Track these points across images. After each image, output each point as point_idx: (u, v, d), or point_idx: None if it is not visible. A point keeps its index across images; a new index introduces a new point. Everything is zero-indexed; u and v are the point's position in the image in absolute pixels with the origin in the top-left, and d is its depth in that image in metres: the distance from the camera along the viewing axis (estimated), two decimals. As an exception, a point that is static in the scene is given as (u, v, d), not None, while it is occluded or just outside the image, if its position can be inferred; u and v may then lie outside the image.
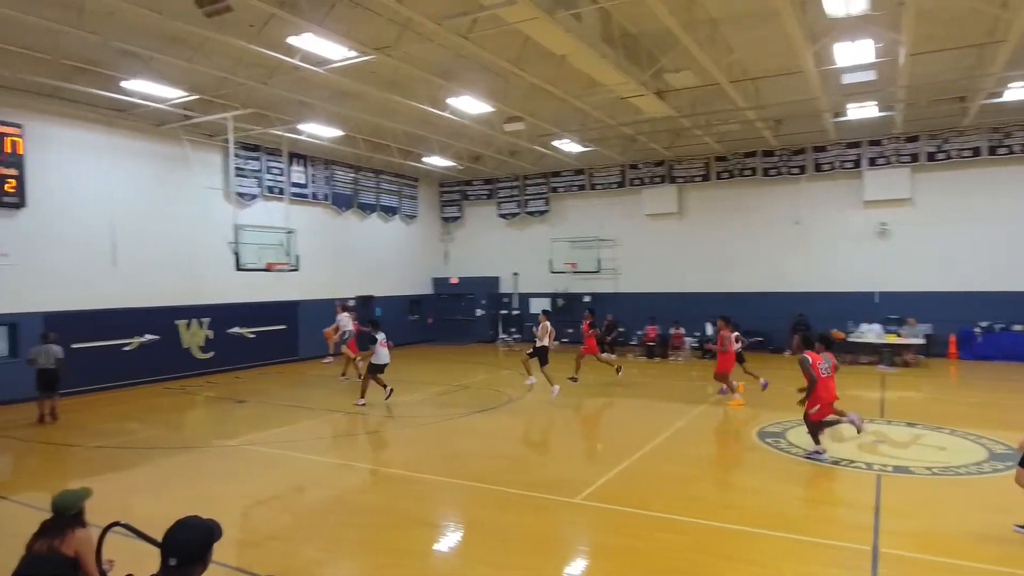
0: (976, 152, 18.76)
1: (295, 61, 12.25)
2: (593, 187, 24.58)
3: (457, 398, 14.18)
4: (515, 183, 26.10)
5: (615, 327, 22.41)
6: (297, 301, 20.30)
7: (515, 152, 22.95)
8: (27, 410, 12.64)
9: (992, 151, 18.58)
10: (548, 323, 14.20)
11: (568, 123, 18.13)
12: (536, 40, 11.50)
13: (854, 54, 12.27)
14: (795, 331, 11.04)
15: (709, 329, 21.20)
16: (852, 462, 8.86)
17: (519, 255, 26.28)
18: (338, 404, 13.69)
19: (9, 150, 13.83)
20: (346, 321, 16.72)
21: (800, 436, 10.20)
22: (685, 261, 23.04)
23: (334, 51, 11.66)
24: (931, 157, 19.30)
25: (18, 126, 14.01)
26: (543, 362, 13.98)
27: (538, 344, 14.03)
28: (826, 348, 9.35)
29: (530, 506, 7.44)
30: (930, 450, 9.57)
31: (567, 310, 24.92)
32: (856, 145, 20.21)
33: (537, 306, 25.73)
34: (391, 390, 13.27)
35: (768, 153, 21.36)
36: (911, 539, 6.37)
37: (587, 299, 24.54)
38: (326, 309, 18.99)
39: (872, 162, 20.08)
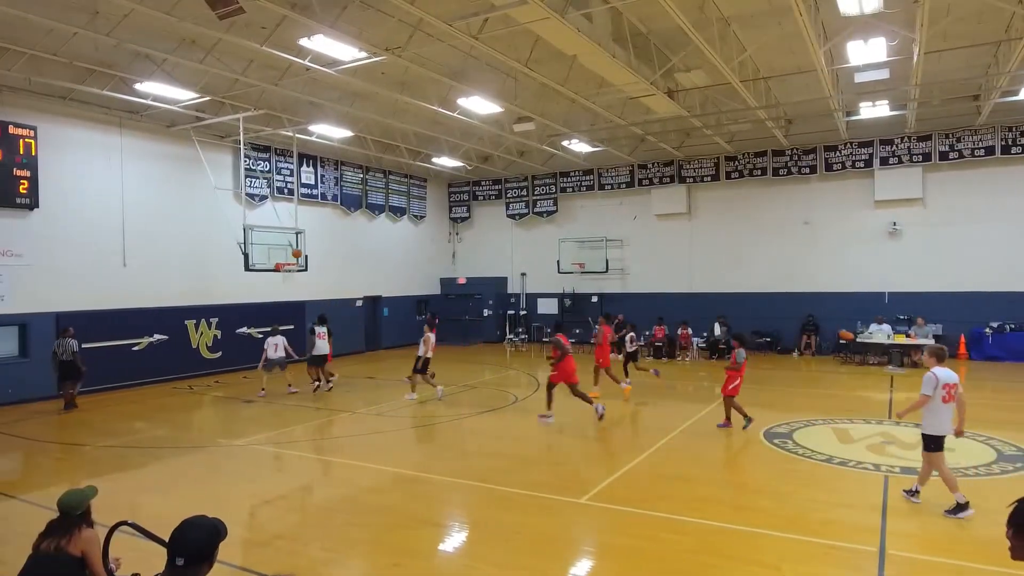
0: (989, 151, 18.58)
1: (306, 63, 12.31)
2: (602, 187, 24.53)
3: (463, 398, 14.19)
4: (524, 183, 26.09)
5: (624, 327, 22.31)
6: (305, 301, 20.35)
7: (524, 152, 22.95)
8: (39, 408, 12.78)
9: (1006, 150, 18.40)
10: (432, 335, 13.83)
11: (578, 123, 18.10)
12: (547, 40, 11.50)
13: (867, 52, 12.19)
14: (734, 337, 11.02)
15: (717, 330, 21.14)
16: (860, 463, 8.81)
17: (527, 255, 26.30)
18: (345, 404, 13.74)
19: (23, 152, 13.97)
20: (274, 347, 15.21)
21: (806, 437, 10.17)
22: (694, 261, 22.97)
23: (345, 52, 11.71)
24: (943, 156, 19.12)
25: (32, 128, 14.14)
26: (423, 371, 13.68)
27: (422, 355, 13.67)
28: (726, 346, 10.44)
29: (535, 506, 7.44)
30: (940, 452, 9.46)
31: (575, 310, 24.91)
32: (868, 144, 20.06)
33: (545, 306, 25.77)
34: (318, 385, 14.97)
35: (779, 152, 21.23)
36: (918, 541, 6.33)
37: (594, 299, 24.54)
38: (333, 309, 19.05)
39: (884, 161, 19.91)
